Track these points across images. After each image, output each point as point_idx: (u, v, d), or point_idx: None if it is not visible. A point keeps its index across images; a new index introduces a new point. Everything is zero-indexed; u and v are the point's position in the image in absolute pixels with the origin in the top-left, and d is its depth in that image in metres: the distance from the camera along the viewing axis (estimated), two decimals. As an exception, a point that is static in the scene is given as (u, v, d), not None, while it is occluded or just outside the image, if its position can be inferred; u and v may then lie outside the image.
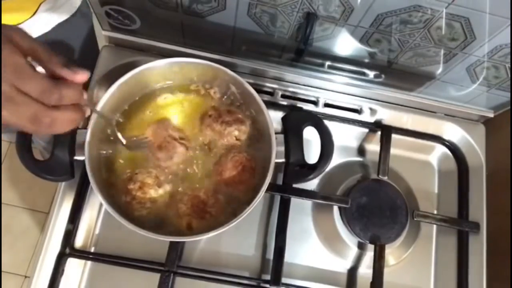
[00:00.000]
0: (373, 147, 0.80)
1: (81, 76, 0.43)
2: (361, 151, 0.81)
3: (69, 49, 0.81)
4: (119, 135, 0.57)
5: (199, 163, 0.65)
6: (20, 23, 0.68)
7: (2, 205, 1.56)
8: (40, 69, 0.42)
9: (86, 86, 0.55)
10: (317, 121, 0.67)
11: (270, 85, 0.78)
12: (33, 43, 0.41)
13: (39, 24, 0.71)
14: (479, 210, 0.75)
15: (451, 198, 0.79)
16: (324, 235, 0.73)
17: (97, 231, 0.69)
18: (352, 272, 0.72)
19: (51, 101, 0.41)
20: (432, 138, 0.81)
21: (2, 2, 0.62)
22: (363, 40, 0.66)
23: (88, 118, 0.57)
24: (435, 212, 0.79)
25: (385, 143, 0.75)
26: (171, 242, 0.65)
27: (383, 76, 0.76)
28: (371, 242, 0.69)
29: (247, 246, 0.71)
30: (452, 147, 0.81)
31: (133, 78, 0.62)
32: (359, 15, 0.60)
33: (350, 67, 0.75)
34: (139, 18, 0.68)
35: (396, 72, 0.73)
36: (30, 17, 0.69)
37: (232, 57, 0.74)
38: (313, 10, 0.61)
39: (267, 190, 0.59)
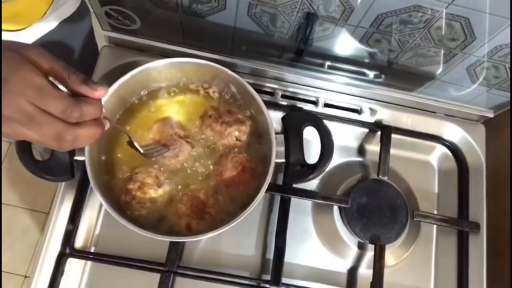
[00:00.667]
0: (373, 147, 0.80)
1: (100, 92, 0.44)
2: (361, 151, 0.81)
3: (69, 49, 0.81)
4: (137, 146, 0.57)
5: (199, 163, 0.65)
6: (28, 26, 0.68)
7: (2, 205, 1.56)
8: (62, 86, 0.42)
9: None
10: (317, 121, 0.67)
11: (270, 85, 0.78)
12: (52, 62, 0.42)
13: (43, 26, 0.71)
14: (479, 210, 0.75)
15: (451, 198, 0.79)
16: (324, 235, 0.73)
17: (97, 231, 0.69)
18: (352, 272, 0.72)
19: (72, 119, 0.42)
20: (432, 138, 0.81)
21: (11, 4, 0.62)
22: (363, 40, 0.66)
23: None
24: (435, 212, 0.79)
25: (385, 143, 0.75)
26: (171, 242, 0.65)
27: (383, 76, 0.76)
28: (371, 242, 0.69)
29: (247, 246, 0.71)
30: (452, 147, 0.81)
31: (133, 78, 0.62)
32: (359, 15, 0.60)
33: (350, 67, 0.75)
34: (139, 18, 0.68)
35: (396, 72, 0.73)
36: (39, 19, 0.69)
37: (232, 57, 0.74)
38: (313, 10, 0.61)
39: (267, 190, 0.59)
